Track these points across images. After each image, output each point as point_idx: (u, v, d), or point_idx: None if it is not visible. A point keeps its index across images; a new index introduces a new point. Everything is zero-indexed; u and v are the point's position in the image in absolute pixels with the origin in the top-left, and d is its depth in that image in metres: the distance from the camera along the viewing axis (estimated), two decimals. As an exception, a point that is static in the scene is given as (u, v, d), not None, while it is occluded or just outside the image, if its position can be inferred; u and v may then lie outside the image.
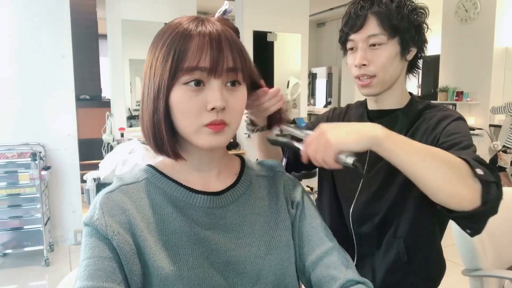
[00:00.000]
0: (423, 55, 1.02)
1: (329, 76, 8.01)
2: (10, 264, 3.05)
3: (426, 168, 0.69)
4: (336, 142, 0.69)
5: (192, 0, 3.98)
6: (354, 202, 1.02)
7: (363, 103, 1.12)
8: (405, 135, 0.96)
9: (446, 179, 0.69)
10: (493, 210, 0.71)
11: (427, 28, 0.98)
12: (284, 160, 1.06)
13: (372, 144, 0.70)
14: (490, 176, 0.70)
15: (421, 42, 0.98)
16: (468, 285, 1.41)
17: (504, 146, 4.21)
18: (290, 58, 5.09)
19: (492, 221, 0.88)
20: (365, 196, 1.01)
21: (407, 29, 0.93)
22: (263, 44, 4.75)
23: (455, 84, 5.31)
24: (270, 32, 4.69)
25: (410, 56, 0.98)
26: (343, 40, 1.00)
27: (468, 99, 5.13)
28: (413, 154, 0.70)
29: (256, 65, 0.81)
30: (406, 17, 0.93)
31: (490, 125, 5.06)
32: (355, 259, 1.03)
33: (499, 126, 4.95)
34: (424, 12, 0.97)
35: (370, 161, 1.00)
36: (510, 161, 4.07)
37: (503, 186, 0.73)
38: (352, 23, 0.95)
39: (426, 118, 0.96)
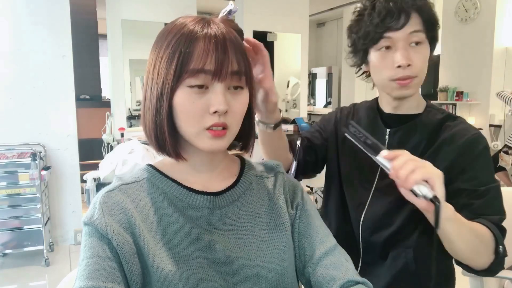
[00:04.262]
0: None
1: (329, 76, 8.01)
2: (10, 264, 3.05)
3: (465, 247, 0.82)
4: (437, 172, 0.73)
5: (192, 0, 3.98)
6: (365, 209, 0.98)
7: (373, 104, 1.06)
8: (425, 146, 0.94)
9: (474, 254, 0.84)
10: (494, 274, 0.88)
11: None
12: (294, 163, 1.03)
13: None
14: (505, 251, 0.84)
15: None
16: (468, 285, 1.41)
17: (505, 145, 4.21)
18: (290, 58, 5.10)
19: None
20: (380, 204, 0.97)
21: (437, 27, 0.91)
22: (263, 44, 4.75)
23: (455, 84, 5.31)
24: (270, 32, 4.69)
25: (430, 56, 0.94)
26: (377, 38, 0.89)
27: (468, 99, 5.13)
28: (461, 237, 0.80)
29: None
30: (435, 14, 0.90)
31: (490, 125, 5.06)
32: (359, 267, 1.00)
33: (499, 126, 4.95)
34: None
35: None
36: (511, 161, 4.07)
37: (503, 186, 0.78)
38: (393, 19, 0.86)
39: (448, 137, 0.93)
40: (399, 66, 0.88)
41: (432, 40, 0.92)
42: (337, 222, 1.05)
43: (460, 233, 0.79)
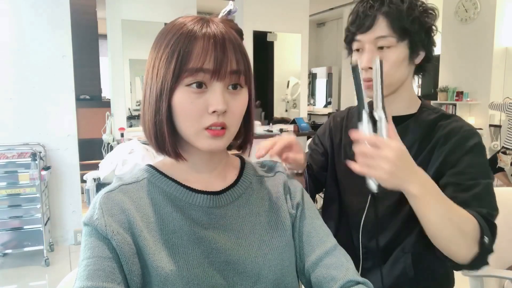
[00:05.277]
0: (432, 59, 0.97)
1: (329, 76, 8.01)
2: (10, 264, 3.05)
3: (441, 231, 0.77)
4: (385, 175, 0.71)
5: (192, 0, 3.98)
6: (365, 214, 0.98)
7: None
8: (418, 148, 0.93)
9: (453, 242, 0.78)
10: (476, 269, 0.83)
11: (436, 30, 0.94)
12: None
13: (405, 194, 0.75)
14: (491, 245, 0.79)
15: (430, 45, 0.94)
16: (468, 285, 1.41)
17: (503, 147, 4.22)
18: (290, 58, 5.10)
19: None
20: (378, 209, 0.96)
21: (418, 32, 0.89)
22: (263, 44, 4.75)
23: (455, 84, 5.31)
24: (270, 32, 4.69)
25: (418, 60, 0.94)
26: (349, 40, 0.95)
27: (468, 99, 5.14)
28: (435, 217, 0.76)
29: (256, 65, 0.80)
30: (417, 20, 0.88)
31: (490, 125, 5.07)
32: (359, 272, 0.98)
33: (499, 126, 4.96)
34: (434, 13, 0.92)
35: None
36: (510, 162, 4.07)
37: (502, 186, 0.77)
38: (359, 23, 0.90)
39: (442, 137, 0.91)
40: (362, 68, 0.90)
41: (413, 44, 0.90)
42: (336, 228, 1.05)
43: (429, 214, 0.76)
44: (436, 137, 0.92)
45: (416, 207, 0.76)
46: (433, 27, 0.93)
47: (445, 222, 0.76)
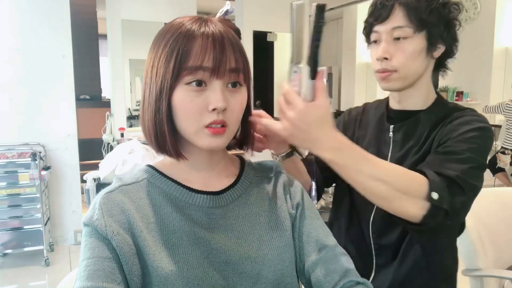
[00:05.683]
0: (453, 54, 0.96)
1: (329, 76, 8.01)
2: (10, 264, 3.05)
3: (372, 191, 0.77)
4: (284, 132, 0.72)
5: (192, 0, 3.98)
6: (374, 209, 0.97)
7: (383, 102, 1.05)
8: (426, 136, 0.92)
9: (393, 200, 0.76)
10: (436, 231, 0.80)
11: (460, 25, 0.92)
12: (313, 185, 1.00)
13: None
14: (444, 203, 0.75)
15: (450, 40, 0.92)
16: (468, 285, 1.41)
17: (502, 147, 4.22)
18: (290, 58, 5.09)
19: (492, 221, 0.88)
20: None
21: (436, 24, 0.88)
22: (263, 44, 4.75)
23: (455, 84, 5.31)
24: (270, 32, 4.69)
25: (437, 54, 0.93)
26: (367, 32, 0.95)
27: (468, 99, 5.14)
28: (360, 179, 0.75)
29: (256, 65, 0.80)
30: (436, 11, 0.87)
31: (490, 125, 5.05)
32: (373, 270, 0.98)
33: (499, 126, 4.95)
34: (457, 7, 0.91)
35: None
36: (509, 161, 4.07)
37: (502, 186, 0.75)
38: (377, 14, 0.90)
39: (449, 120, 0.90)
40: (377, 59, 0.91)
41: (430, 36, 0.89)
42: (347, 225, 1.04)
43: (353, 176, 0.75)
44: (443, 123, 0.91)
45: (337, 171, 0.75)
46: (455, 22, 0.91)
47: (373, 182, 0.75)
